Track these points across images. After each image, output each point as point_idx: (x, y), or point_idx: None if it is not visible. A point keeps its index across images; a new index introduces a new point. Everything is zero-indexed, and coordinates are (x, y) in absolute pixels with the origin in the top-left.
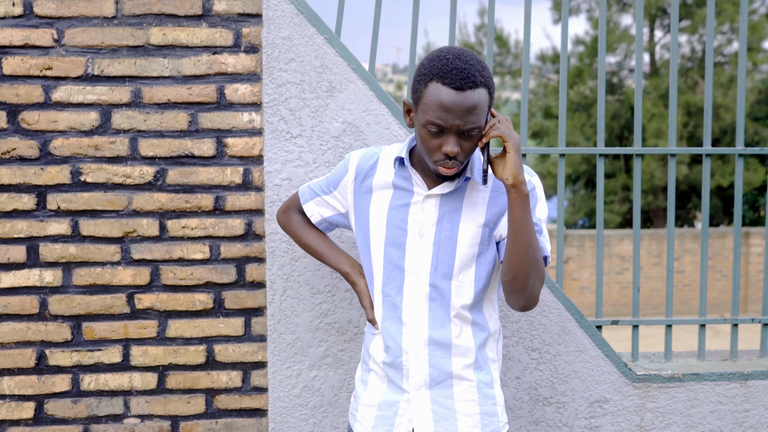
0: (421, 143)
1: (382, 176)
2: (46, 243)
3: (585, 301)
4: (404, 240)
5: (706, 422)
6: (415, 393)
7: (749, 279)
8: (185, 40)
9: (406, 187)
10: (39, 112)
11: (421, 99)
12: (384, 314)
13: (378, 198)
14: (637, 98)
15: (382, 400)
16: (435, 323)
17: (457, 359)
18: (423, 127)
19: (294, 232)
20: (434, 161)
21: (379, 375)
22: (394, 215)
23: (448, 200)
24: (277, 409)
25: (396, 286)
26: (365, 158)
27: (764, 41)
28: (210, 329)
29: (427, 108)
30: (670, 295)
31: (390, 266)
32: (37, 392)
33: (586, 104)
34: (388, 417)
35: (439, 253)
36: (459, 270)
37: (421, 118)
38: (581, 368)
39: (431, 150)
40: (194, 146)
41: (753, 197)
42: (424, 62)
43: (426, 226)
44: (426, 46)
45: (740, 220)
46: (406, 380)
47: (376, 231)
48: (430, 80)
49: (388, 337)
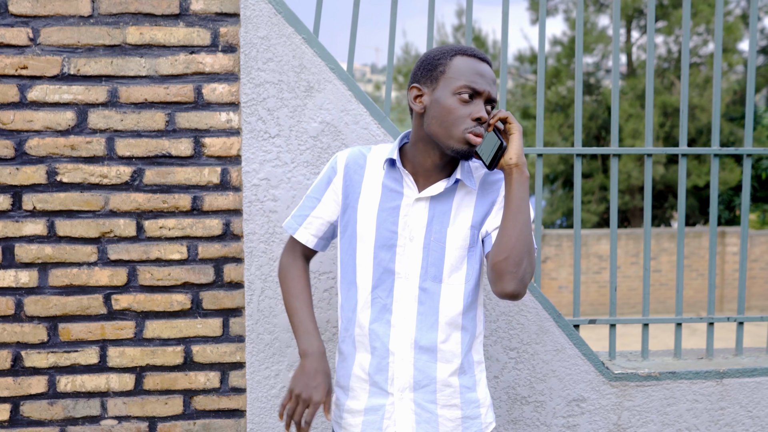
0: (448, 114)
1: (371, 177)
2: (22, 243)
3: (563, 301)
4: (395, 243)
5: (683, 420)
6: (399, 395)
7: (725, 278)
8: (162, 40)
9: (396, 188)
10: (14, 111)
11: (447, 71)
12: (372, 316)
13: (366, 199)
14: (614, 99)
15: (367, 405)
16: (422, 327)
17: (442, 365)
18: (453, 95)
19: (282, 284)
20: (463, 129)
21: (361, 379)
22: (384, 218)
23: (438, 203)
24: (255, 410)
25: (386, 289)
26: (353, 158)
27: (739, 42)
28: (188, 330)
29: (459, 75)
30: (647, 294)
31: (380, 269)
32: (12, 394)
33: (563, 104)
34: (375, 421)
35: (429, 256)
36: (449, 273)
37: (452, 86)
38: (559, 367)
39: (460, 118)
40: (171, 146)
41: (729, 197)
42: (435, 49)
43: (416, 228)
44: (404, 46)
45: (716, 220)
46: (391, 383)
47: (365, 233)
48: (454, 55)
49: (375, 338)
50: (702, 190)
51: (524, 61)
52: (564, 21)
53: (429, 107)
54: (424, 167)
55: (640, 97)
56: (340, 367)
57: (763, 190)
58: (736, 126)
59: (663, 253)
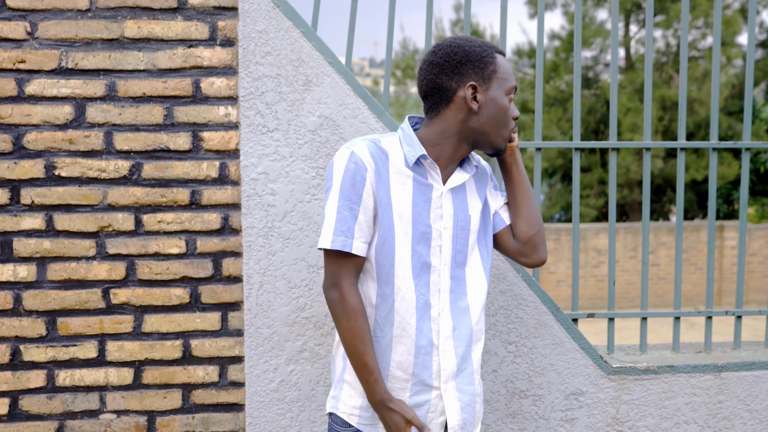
0: (504, 114)
1: (397, 170)
2: (20, 238)
3: (561, 294)
4: (429, 236)
5: (681, 414)
6: (445, 386)
7: (723, 272)
8: (160, 34)
9: (425, 181)
10: (12, 105)
11: (498, 70)
12: (417, 314)
13: (399, 194)
14: (612, 92)
15: (411, 404)
16: (456, 314)
17: (476, 347)
18: (507, 96)
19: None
20: (511, 129)
21: (402, 379)
22: (419, 212)
23: (457, 191)
24: (254, 404)
25: (425, 284)
26: (374, 151)
27: (738, 36)
28: (186, 324)
29: (508, 75)
30: (645, 288)
31: (419, 264)
32: (11, 388)
33: (562, 98)
34: (420, 417)
35: (457, 244)
36: (469, 256)
37: (505, 87)
38: (557, 361)
39: (509, 119)
40: (170, 140)
41: (727, 191)
42: (477, 46)
43: (447, 219)
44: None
45: (714, 214)
46: (437, 376)
47: (402, 228)
48: (494, 53)
49: (420, 336)
50: (700, 184)
51: (522, 56)
52: (562, 15)
53: (484, 105)
54: (448, 159)
55: (639, 91)
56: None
57: (762, 183)
58: (735, 120)
59: (661, 247)
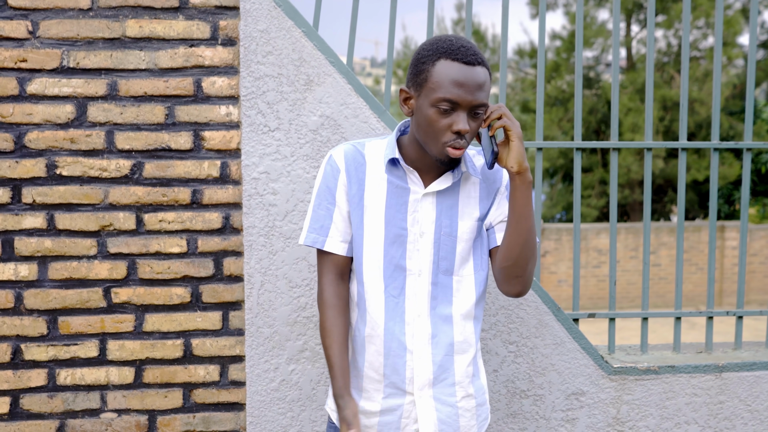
0: (428, 126)
1: (374, 173)
2: (21, 237)
3: (562, 295)
4: (405, 239)
5: (682, 414)
6: (419, 393)
7: (724, 272)
8: (162, 33)
9: (401, 184)
10: (13, 104)
11: (429, 79)
12: (386, 315)
13: (372, 196)
14: (613, 93)
15: (384, 407)
16: (437, 321)
17: (459, 357)
18: (432, 107)
19: (320, 318)
20: (443, 143)
21: (375, 380)
22: (392, 214)
23: (444, 196)
24: (255, 403)
25: (398, 287)
26: (351, 155)
27: (739, 36)
28: (187, 323)
29: (437, 86)
30: (646, 288)
31: (391, 266)
32: (12, 387)
33: (563, 98)
34: (392, 422)
35: (440, 250)
36: (459, 265)
37: (431, 97)
38: (558, 361)
39: (440, 131)
40: (171, 139)
41: (728, 191)
42: (426, 46)
43: (426, 224)
44: (404, 40)
45: (715, 214)
46: (410, 382)
47: (374, 230)
48: (438, 59)
49: (391, 338)
50: (701, 185)
51: (524, 56)
52: (564, 15)
53: (415, 112)
54: (425, 162)
55: (640, 91)
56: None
57: (763, 184)
58: (736, 120)
59: (662, 247)
